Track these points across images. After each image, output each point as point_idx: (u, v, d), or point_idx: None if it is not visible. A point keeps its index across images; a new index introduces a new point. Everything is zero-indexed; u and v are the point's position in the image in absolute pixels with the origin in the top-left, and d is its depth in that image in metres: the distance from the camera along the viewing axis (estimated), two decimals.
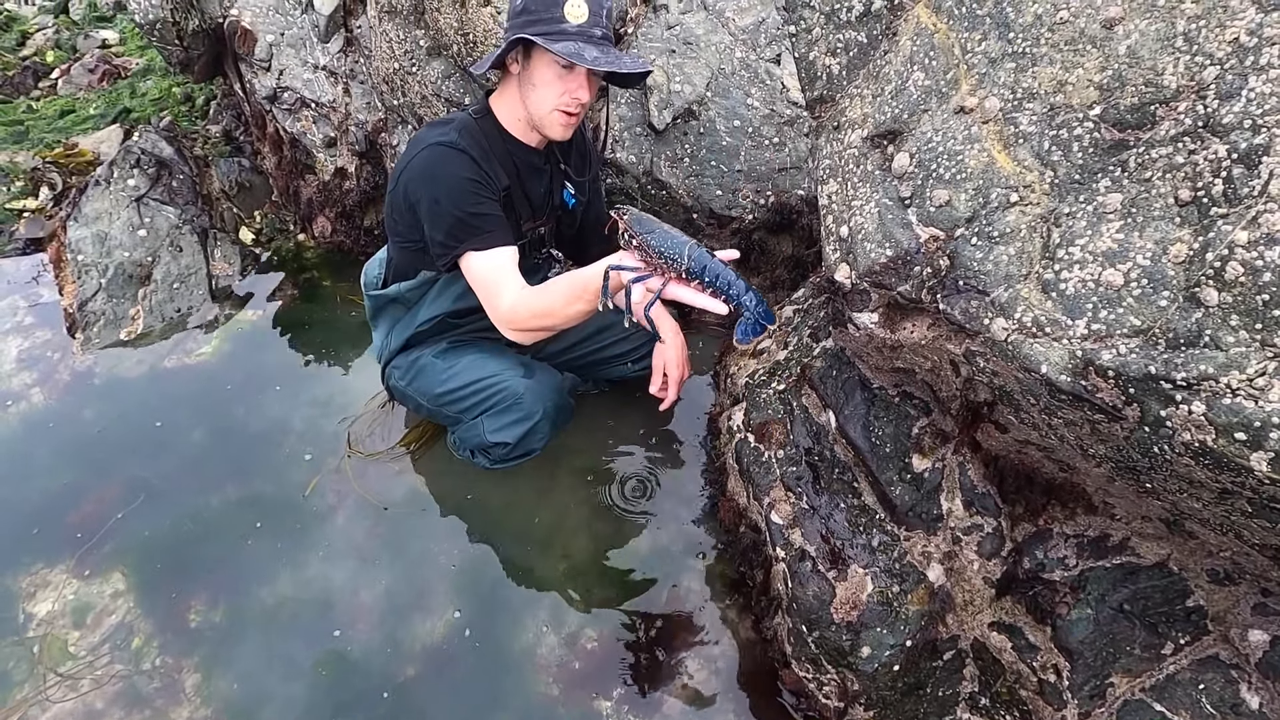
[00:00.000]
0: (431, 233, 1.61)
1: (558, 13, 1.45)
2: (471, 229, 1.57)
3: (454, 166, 1.57)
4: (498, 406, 1.79)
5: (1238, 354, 0.83)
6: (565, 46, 1.44)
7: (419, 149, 1.61)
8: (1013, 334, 1.03)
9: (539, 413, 1.78)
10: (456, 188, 1.56)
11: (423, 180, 1.59)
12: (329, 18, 2.67)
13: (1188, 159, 0.90)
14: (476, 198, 1.57)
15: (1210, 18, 0.91)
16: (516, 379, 1.77)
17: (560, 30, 1.45)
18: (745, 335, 1.31)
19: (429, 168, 1.58)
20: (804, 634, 1.46)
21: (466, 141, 1.59)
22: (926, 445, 1.44)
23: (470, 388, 1.80)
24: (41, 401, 2.18)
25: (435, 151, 1.58)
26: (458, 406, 1.83)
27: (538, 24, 1.46)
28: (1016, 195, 1.06)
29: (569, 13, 1.44)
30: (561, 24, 1.45)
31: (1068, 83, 1.03)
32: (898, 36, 1.27)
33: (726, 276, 1.28)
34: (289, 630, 1.65)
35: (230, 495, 1.91)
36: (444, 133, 1.61)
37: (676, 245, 1.29)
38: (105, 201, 2.66)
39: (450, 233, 1.57)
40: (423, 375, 1.85)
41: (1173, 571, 1.22)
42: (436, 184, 1.57)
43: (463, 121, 1.64)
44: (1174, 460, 0.93)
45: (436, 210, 1.57)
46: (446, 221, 1.57)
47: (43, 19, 4.50)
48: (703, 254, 1.29)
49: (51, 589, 1.72)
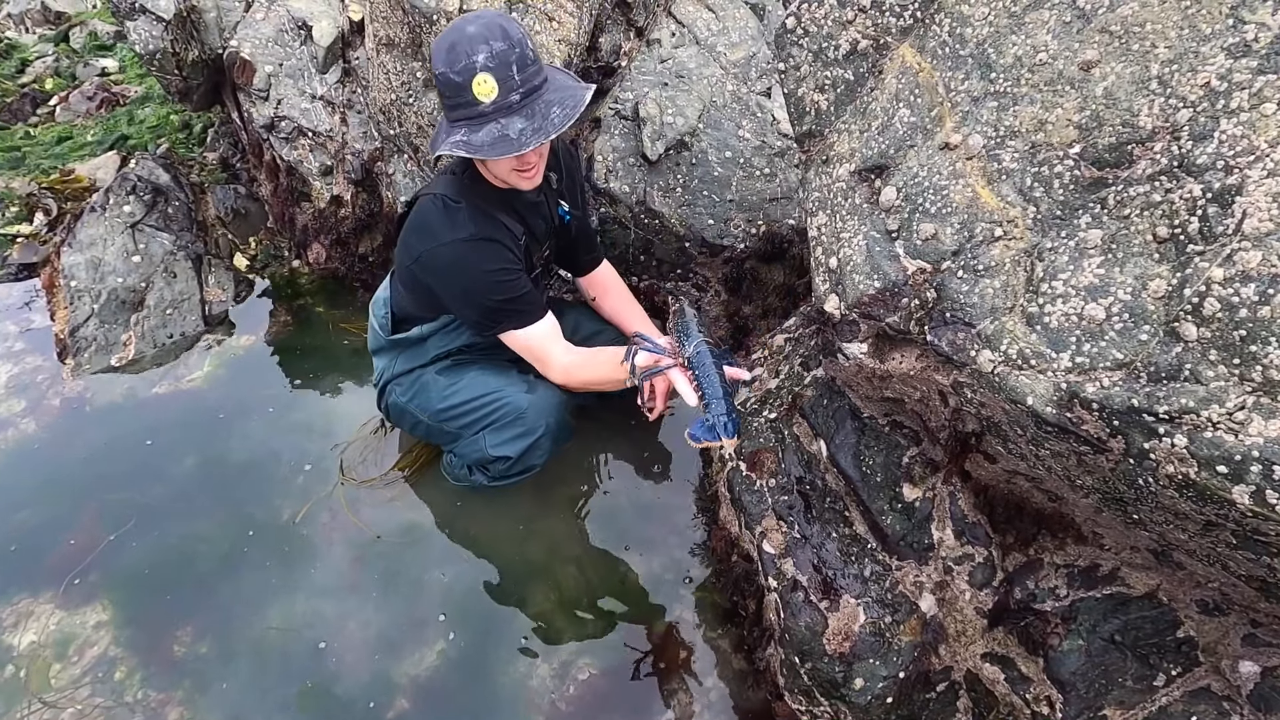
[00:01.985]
0: (463, 312, 1.69)
1: (469, 96, 1.40)
2: (506, 314, 1.64)
3: (481, 261, 1.56)
4: (500, 421, 1.79)
5: (1217, 388, 0.85)
6: (489, 134, 1.41)
7: (438, 243, 1.57)
8: (999, 366, 1.04)
9: (541, 428, 1.78)
10: (486, 281, 1.58)
11: (450, 275, 1.60)
12: (327, 49, 2.71)
13: (1164, 197, 0.93)
14: (505, 285, 1.59)
15: (1182, 62, 0.94)
16: (519, 395, 1.78)
17: (479, 114, 1.41)
18: (696, 434, 1.38)
19: (455, 265, 1.57)
20: (796, 665, 1.45)
21: (471, 212, 1.57)
22: (917, 475, 1.44)
23: (473, 403, 1.81)
24: (30, 428, 2.17)
25: (459, 249, 1.56)
26: (459, 422, 1.83)
27: (457, 110, 1.44)
28: (1000, 230, 1.08)
29: (478, 93, 1.39)
30: (477, 106, 1.40)
31: (1048, 122, 1.06)
32: (884, 75, 1.30)
33: (712, 379, 1.41)
34: (276, 662, 1.62)
35: (220, 523, 1.89)
36: (459, 222, 1.56)
37: (692, 344, 1.47)
38: (100, 227, 2.66)
39: (485, 317, 1.66)
40: (424, 391, 1.86)
41: (1162, 602, 1.23)
42: (466, 278, 1.58)
43: (454, 187, 1.60)
44: (1159, 492, 0.94)
45: (467, 300, 1.64)
46: (479, 309, 1.64)
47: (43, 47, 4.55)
48: (704, 355, 1.45)
49: (35, 619, 1.69)
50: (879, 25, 1.30)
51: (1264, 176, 0.84)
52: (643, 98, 2.32)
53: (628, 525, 1.91)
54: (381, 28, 2.35)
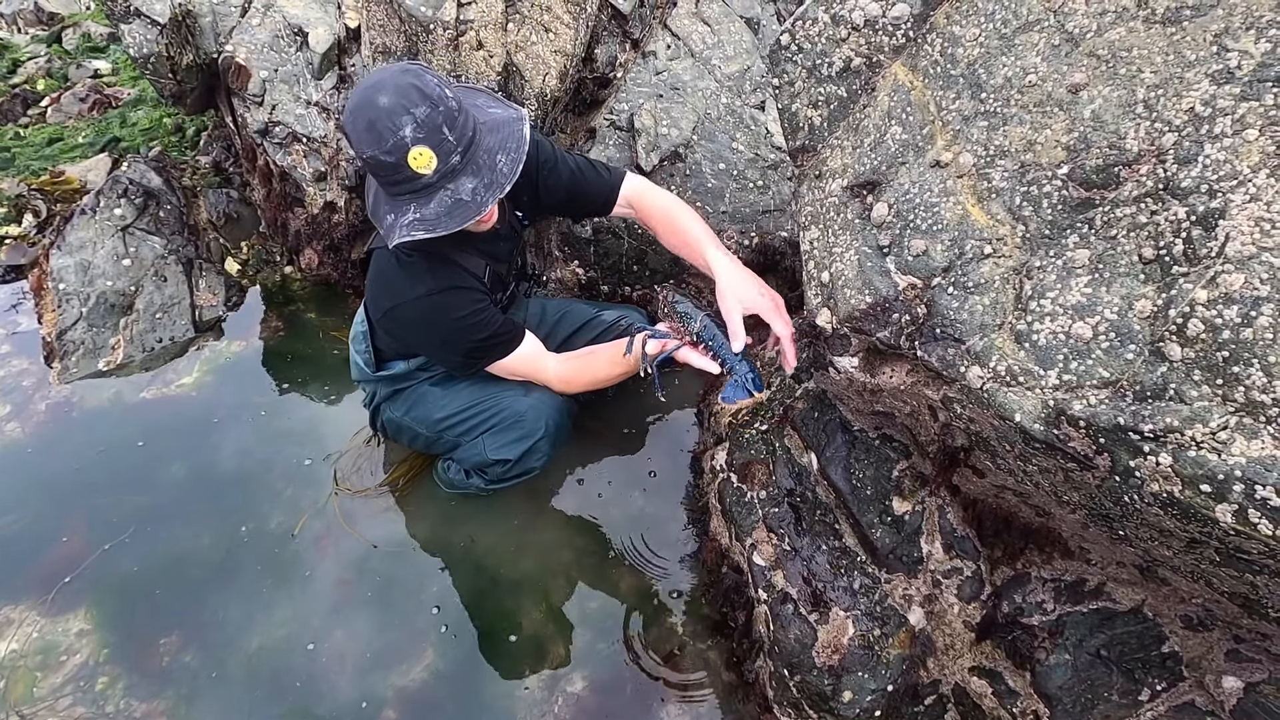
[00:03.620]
0: (444, 359, 1.70)
1: (407, 172, 1.30)
2: (487, 349, 1.65)
3: (450, 310, 1.54)
4: (499, 425, 1.79)
5: (1201, 408, 0.86)
6: (441, 204, 1.32)
7: (403, 300, 1.53)
8: (987, 382, 1.06)
9: (540, 430, 1.78)
10: (457, 328, 1.57)
11: (422, 330, 1.60)
12: (323, 55, 2.71)
13: (1150, 219, 0.95)
14: (478, 325, 1.58)
15: (1168, 87, 0.96)
16: (517, 398, 1.78)
17: (423, 186, 1.33)
18: (729, 395, 1.52)
19: (426, 319, 1.56)
20: (786, 678, 1.45)
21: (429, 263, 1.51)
22: (907, 488, 1.45)
23: (471, 409, 1.80)
24: (15, 432, 2.14)
25: (426, 305, 1.53)
26: (458, 429, 1.83)
27: (398, 186, 1.34)
28: (990, 247, 1.10)
29: (416, 166, 1.29)
30: (419, 180, 1.31)
31: (1037, 142, 1.08)
32: (876, 92, 1.32)
33: (727, 346, 1.51)
34: (263, 673, 1.61)
35: (208, 532, 1.88)
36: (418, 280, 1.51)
37: (695, 319, 1.55)
38: (90, 230, 2.65)
39: (466, 359, 1.67)
40: (421, 403, 1.85)
41: (1148, 617, 1.24)
42: (439, 331, 1.58)
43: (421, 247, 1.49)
44: (1144, 509, 0.95)
45: (446, 348, 1.65)
46: (458, 353, 1.65)
47: (35, 47, 4.53)
48: (710, 328, 1.54)
49: (16, 626, 1.67)
50: (872, 44, 1.31)
51: (1246, 201, 0.86)
52: (638, 109, 2.34)
53: (619, 536, 1.91)
54: (378, 35, 2.36)
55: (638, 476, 2.06)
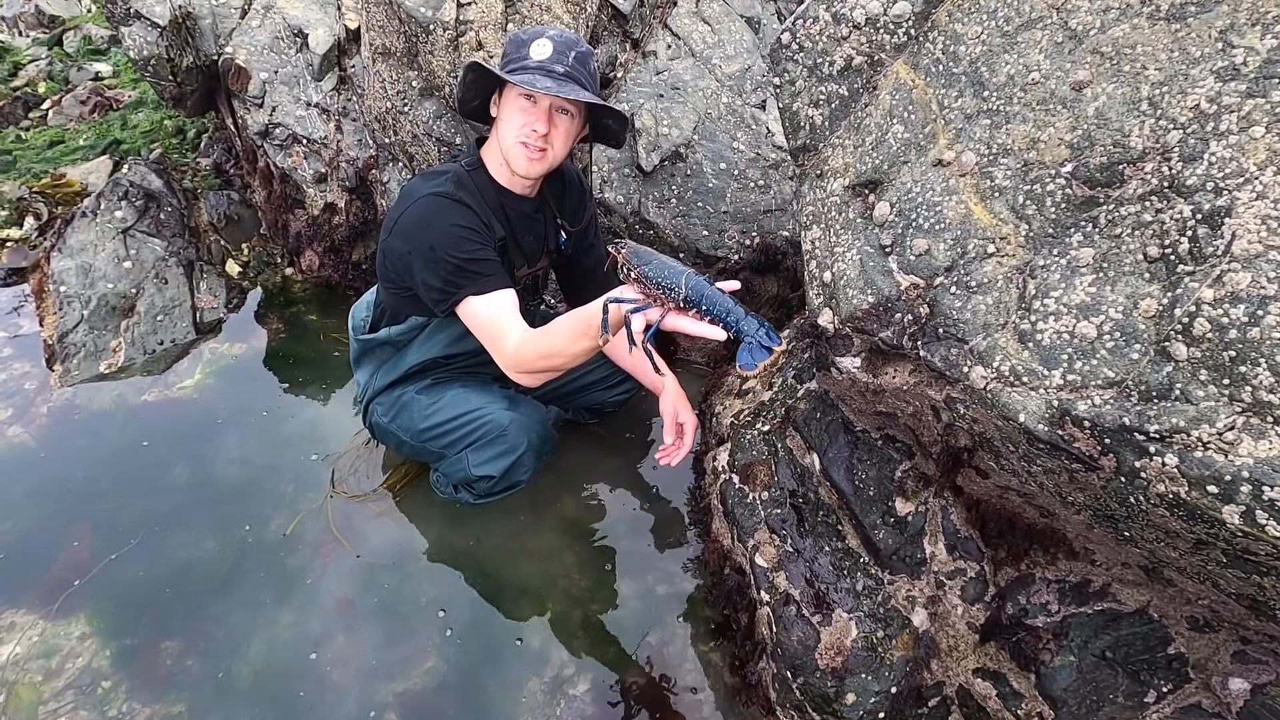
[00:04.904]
0: (428, 279, 1.61)
1: (525, 52, 1.57)
2: (470, 275, 1.59)
3: (451, 215, 1.59)
4: (482, 440, 1.78)
5: (1207, 408, 0.85)
6: (522, 77, 1.53)
7: (414, 199, 1.62)
8: (991, 382, 1.05)
9: (523, 445, 1.77)
10: (453, 235, 1.58)
11: (418, 228, 1.60)
12: (323, 57, 2.71)
13: (1155, 217, 0.94)
14: (473, 245, 1.59)
15: (1173, 84, 0.95)
16: (500, 411, 1.77)
17: (521, 66, 1.56)
18: (749, 360, 1.19)
19: (425, 217, 1.59)
20: (788, 680, 1.45)
21: (463, 193, 1.62)
22: (909, 489, 1.44)
23: (454, 422, 1.79)
24: (17, 435, 2.14)
25: (432, 202, 1.60)
26: (442, 442, 1.82)
27: (507, 62, 1.59)
28: (993, 246, 1.09)
29: (534, 51, 1.56)
30: (524, 60, 1.56)
31: (1040, 140, 1.07)
32: (878, 91, 1.31)
33: (725, 304, 1.21)
34: (264, 680, 1.60)
35: (208, 535, 1.87)
36: (439, 184, 1.62)
37: (673, 274, 1.24)
38: (91, 233, 2.65)
39: (448, 279, 1.59)
40: (406, 411, 1.85)
41: (1153, 618, 1.23)
42: (433, 232, 1.58)
43: (456, 173, 1.66)
44: (1149, 510, 0.94)
45: (433, 257, 1.58)
46: (444, 268, 1.58)
47: (36, 50, 4.53)
48: (700, 282, 1.23)
49: (17, 630, 1.67)
50: (873, 42, 1.31)
51: (1253, 199, 0.85)
52: (638, 109, 2.33)
53: (620, 539, 1.90)
54: (377, 36, 2.35)
55: (639, 478, 2.05)
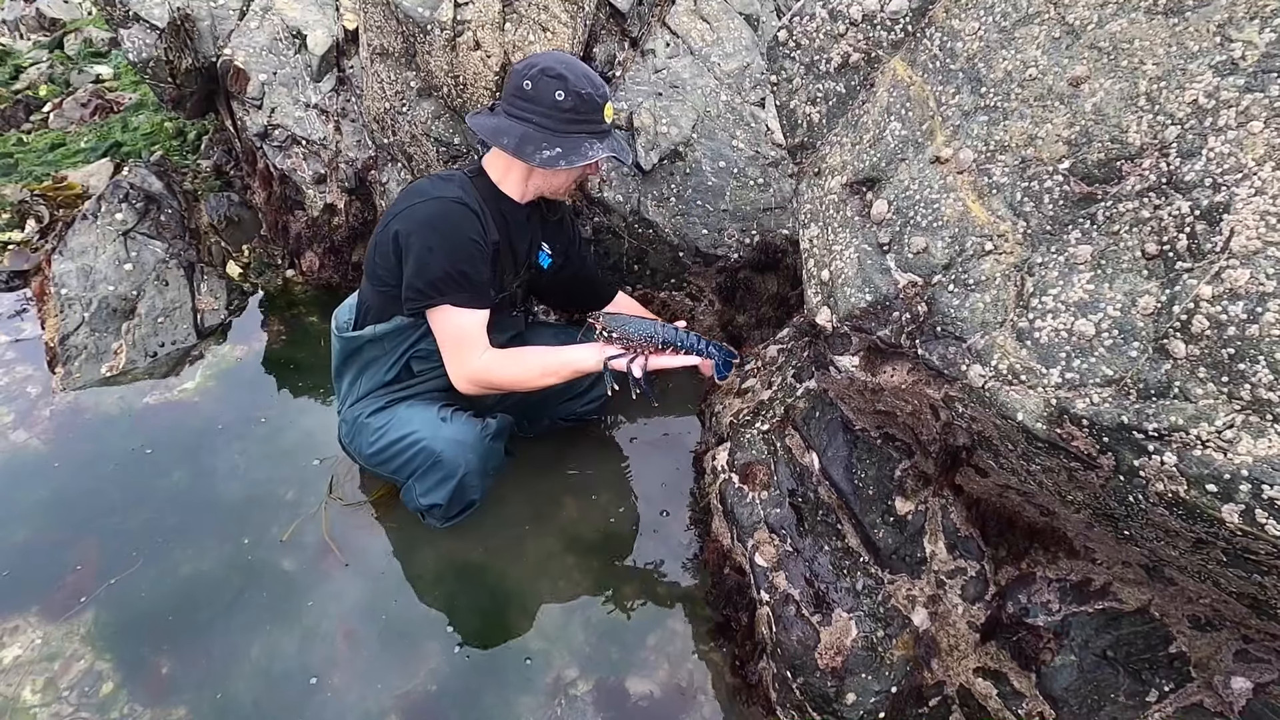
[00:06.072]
0: (413, 278, 1.61)
1: (600, 115, 1.64)
2: (459, 286, 1.60)
3: (460, 223, 1.60)
4: (420, 468, 1.75)
5: (1206, 406, 0.84)
6: (610, 146, 1.66)
7: (423, 198, 1.62)
8: (989, 381, 1.04)
9: (460, 468, 1.73)
10: (457, 243, 1.59)
11: (423, 228, 1.59)
12: (321, 58, 2.71)
13: (1153, 214, 0.93)
14: (473, 259, 1.60)
15: (1170, 79, 0.94)
16: (433, 436, 1.72)
17: (603, 131, 1.66)
18: (723, 373, 1.72)
19: (433, 219, 1.60)
20: (788, 680, 1.44)
21: (464, 190, 1.64)
22: (909, 488, 1.44)
23: (394, 448, 1.76)
24: (19, 438, 2.15)
25: (444, 205, 1.60)
26: (389, 467, 1.81)
27: (583, 124, 1.63)
28: (991, 244, 1.08)
29: (606, 115, 1.66)
30: (603, 124, 1.66)
31: (1037, 137, 1.06)
32: (875, 88, 1.31)
33: (690, 339, 1.69)
34: (264, 687, 1.60)
35: (207, 539, 1.87)
36: (450, 189, 1.63)
37: (648, 327, 1.68)
38: (92, 235, 2.65)
39: (434, 284, 1.59)
40: (360, 434, 1.83)
41: (1154, 617, 1.22)
42: (436, 235, 1.59)
43: (463, 182, 1.68)
44: (1149, 509, 0.93)
45: (427, 258, 1.58)
46: (434, 272, 1.58)
47: (37, 53, 4.55)
48: (668, 327, 1.69)
49: (18, 634, 1.68)
50: (870, 39, 1.30)
51: (1251, 194, 0.84)
52: (637, 108, 2.33)
53: (620, 540, 1.90)
54: (376, 37, 2.35)
55: (638, 479, 2.05)
